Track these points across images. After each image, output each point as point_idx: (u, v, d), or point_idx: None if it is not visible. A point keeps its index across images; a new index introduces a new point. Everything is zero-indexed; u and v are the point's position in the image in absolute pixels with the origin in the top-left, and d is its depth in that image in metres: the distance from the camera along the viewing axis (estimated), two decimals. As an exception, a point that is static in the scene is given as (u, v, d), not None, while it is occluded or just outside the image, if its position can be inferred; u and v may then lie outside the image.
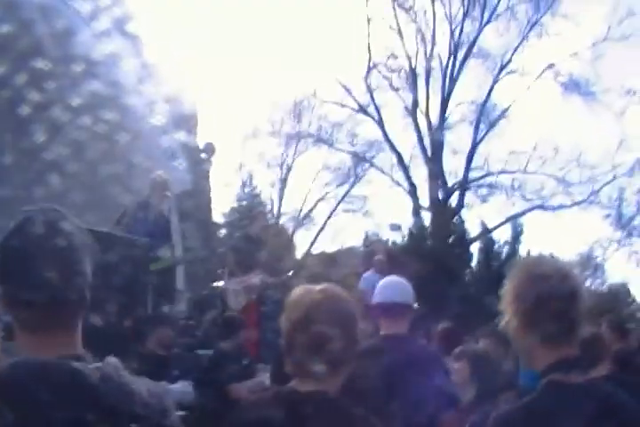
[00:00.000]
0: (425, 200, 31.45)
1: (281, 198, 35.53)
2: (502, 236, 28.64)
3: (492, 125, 32.04)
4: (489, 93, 31.93)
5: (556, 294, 2.96)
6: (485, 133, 32.03)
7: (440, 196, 31.08)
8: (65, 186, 12.80)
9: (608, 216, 30.15)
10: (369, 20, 32.14)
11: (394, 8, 32.19)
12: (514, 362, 6.34)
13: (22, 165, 13.19)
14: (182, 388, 8.74)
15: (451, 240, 26.74)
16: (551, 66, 31.40)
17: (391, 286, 5.61)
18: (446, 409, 5.02)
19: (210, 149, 18.30)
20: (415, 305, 5.63)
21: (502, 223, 30.24)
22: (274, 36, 40.99)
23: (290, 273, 13.74)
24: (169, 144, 17.27)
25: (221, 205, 31.37)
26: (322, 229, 35.09)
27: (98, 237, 9.71)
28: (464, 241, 27.11)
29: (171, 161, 16.98)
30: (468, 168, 31.67)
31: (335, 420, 2.99)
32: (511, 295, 3.06)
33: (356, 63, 32.90)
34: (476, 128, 31.95)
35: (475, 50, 32.07)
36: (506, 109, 32.06)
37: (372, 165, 34.04)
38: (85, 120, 13.30)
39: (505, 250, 27.08)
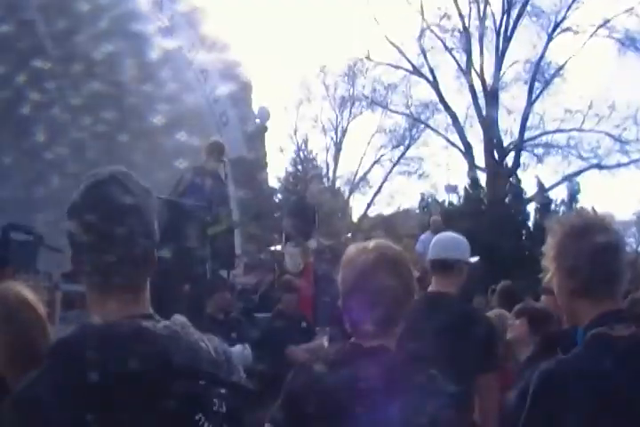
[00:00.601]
0: (481, 161, 31.35)
1: (336, 162, 35.57)
2: (559, 195, 28.46)
3: (546, 84, 31.80)
4: (543, 52, 31.69)
5: (596, 248, 2.96)
6: (540, 92, 31.80)
7: (496, 156, 30.94)
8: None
9: (666, 172, 29.85)
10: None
11: (446, -33, 31.94)
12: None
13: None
14: (240, 351, 8.84)
15: (507, 200, 26.61)
16: (606, 22, 31.00)
17: (440, 243, 5.58)
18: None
19: (264, 113, 18.39)
20: (471, 259, 5.61)
21: (559, 183, 30.09)
22: (326, -1, 40.74)
23: (346, 236, 13.77)
24: (223, 109, 17.34)
25: (277, 170, 31.62)
26: (378, 191, 35.09)
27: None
28: (521, 201, 26.96)
29: (225, 127, 17.07)
30: (523, 128, 31.48)
31: (399, 374, 3.02)
32: (552, 251, 3.06)
33: (409, 24, 32.64)
34: (531, 87, 31.71)
35: (528, 8, 31.76)
36: (560, 67, 31.78)
37: (427, 126, 33.96)
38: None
39: (562, 209, 26.87)
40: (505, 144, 31.45)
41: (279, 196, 25.01)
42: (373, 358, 3.03)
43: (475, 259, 5.71)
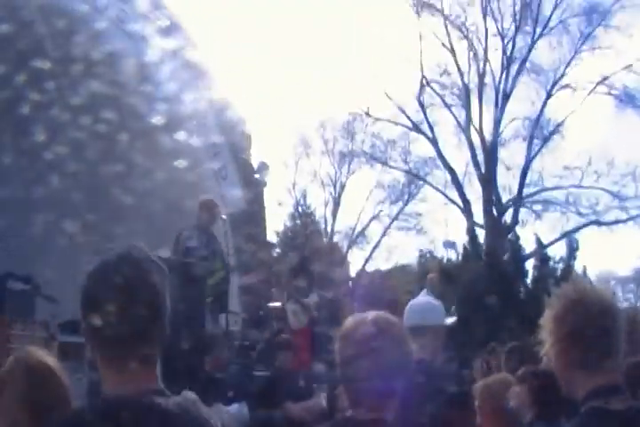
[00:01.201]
0: (479, 217, 31.43)
1: (334, 217, 35.65)
2: (557, 252, 28.49)
3: (545, 141, 31.95)
4: (542, 109, 31.89)
5: (593, 322, 3.01)
6: (539, 149, 31.92)
7: (494, 212, 31.00)
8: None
9: (664, 231, 29.88)
10: (421, 38, 32.28)
11: (445, 25, 32.32)
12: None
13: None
14: (238, 409, 8.81)
15: (505, 257, 26.63)
16: (604, 79, 31.26)
17: (414, 309, 5.59)
18: None
19: (263, 168, 18.49)
20: (448, 321, 5.65)
21: (557, 239, 30.10)
22: (326, 53, 41.12)
23: (344, 292, 13.78)
24: (222, 164, 17.41)
25: (275, 224, 31.66)
26: (376, 246, 35.16)
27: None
28: (519, 258, 26.97)
29: (224, 181, 17.12)
30: (521, 184, 31.58)
31: None
32: (550, 323, 3.11)
33: (409, 80, 32.89)
34: (530, 144, 31.89)
35: (527, 65, 32.05)
36: (559, 124, 31.97)
37: (425, 182, 34.07)
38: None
39: (560, 266, 26.89)
40: (504, 200, 31.56)
41: (277, 250, 25.06)
42: None
43: (451, 320, 5.75)
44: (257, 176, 18.71)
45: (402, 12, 32.24)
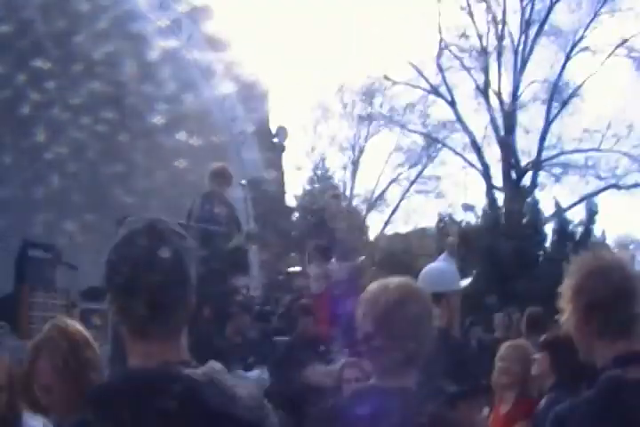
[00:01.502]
0: (498, 180, 31.38)
1: (353, 180, 35.60)
2: (576, 216, 28.43)
3: (564, 104, 31.77)
4: (561, 71, 31.75)
5: (613, 289, 3.02)
6: (558, 112, 31.77)
7: (513, 175, 30.94)
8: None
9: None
10: (439, 0, 32.06)
11: (464, -13, 32.03)
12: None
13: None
14: (259, 375, 8.89)
15: (524, 221, 26.58)
16: (624, 42, 31.03)
17: (426, 277, 5.59)
18: None
19: (282, 133, 18.46)
20: (462, 284, 5.65)
21: (576, 203, 30.06)
22: (344, 18, 40.86)
23: (362, 257, 13.78)
24: (240, 129, 17.40)
25: (294, 188, 31.67)
26: (395, 210, 35.10)
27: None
28: (538, 221, 26.91)
29: (242, 146, 17.12)
30: (540, 147, 31.53)
31: (416, 415, 3.01)
32: (569, 292, 3.12)
33: (428, 43, 32.73)
34: (549, 107, 31.72)
35: (546, 27, 31.80)
36: (578, 87, 31.82)
37: (444, 145, 33.95)
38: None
39: (579, 230, 26.84)
40: (523, 164, 31.48)
41: (296, 214, 25.06)
42: (392, 398, 3.03)
43: (466, 282, 5.76)
44: (275, 140, 18.68)
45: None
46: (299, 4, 51.14)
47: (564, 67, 31.61)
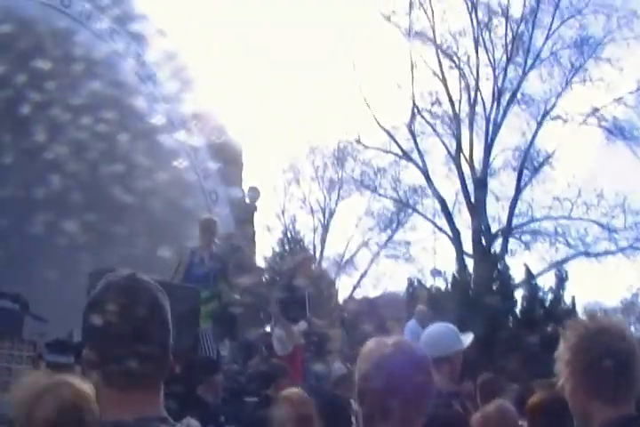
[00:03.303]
0: (468, 246, 31.42)
1: (323, 243, 35.61)
2: (546, 282, 28.48)
3: (535, 171, 31.99)
4: (532, 139, 32.00)
5: (611, 353, 2.99)
6: (529, 180, 31.99)
7: (483, 242, 31.01)
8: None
9: (653, 263, 29.92)
10: (412, 66, 32.37)
11: (437, 54, 32.45)
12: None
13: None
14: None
15: (494, 287, 26.57)
16: (595, 111, 31.41)
17: (429, 341, 5.46)
18: None
19: (254, 193, 18.40)
20: (465, 342, 5.54)
21: (546, 270, 30.04)
22: (318, 80, 41.19)
23: (332, 318, 13.70)
24: (213, 187, 17.36)
25: (264, 250, 31.56)
26: (364, 274, 35.07)
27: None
28: (508, 288, 26.92)
29: (214, 204, 17.08)
30: (511, 214, 31.64)
31: None
32: (566, 354, 3.10)
33: (400, 109, 32.93)
34: (520, 174, 31.89)
35: (518, 96, 32.15)
36: (549, 155, 32.04)
37: (415, 211, 34.04)
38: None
39: (549, 297, 26.85)
40: (493, 231, 31.58)
41: (266, 275, 24.93)
42: None
43: (469, 339, 5.65)
44: (247, 201, 18.63)
45: (394, 41, 32.26)
46: (276, 63, 51.51)
47: (535, 135, 31.94)
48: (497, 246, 31.18)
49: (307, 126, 43.07)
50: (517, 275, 28.34)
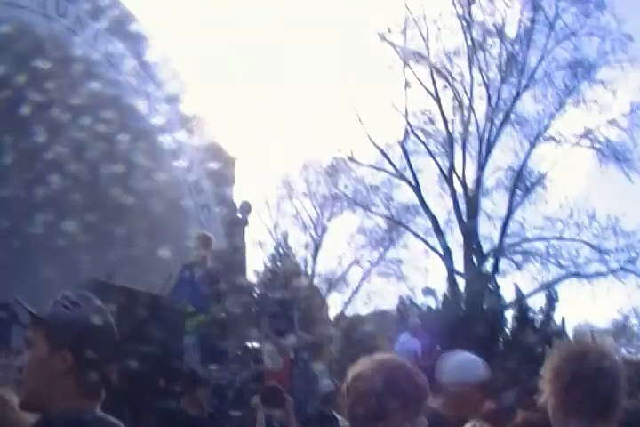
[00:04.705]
0: (460, 265, 31.40)
1: (315, 260, 35.56)
2: (537, 303, 28.47)
3: (527, 192, 32.00)
4: (525, 160, 31.97)
5: (593, 371, 3.06)
6: (521, 200, 32.00)
7: (475, 261, 31.00)
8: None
9: (644, 285, 29.91)
10: (406, 85, 32.42)
11: (431, 73, 32.51)
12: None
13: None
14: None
15: (485, 307, 26.56)
16: (588, 133, 31.52)
17: (447, 365, 5.34)
18: None
19: (246, 207, 18.36)
20: (480, 377, 5.40)
21: (537, 290, 30.02)
22: (312, 96, 41.27)
23: (323, 335, 13.67)
24: (205, 202, 17.35)
25: (255, 265, 31.50)
26: (355, 291, 34.99)
27: (137, 296, 9.80)
28: (498, 308, 26.92)
29: (206, 219, 17.06)
30: (503, 234, 31.58)
31: None
32: (549, 373, 3.17)
33: (393, 127, 32.97)
34: (512, 194, 31.89)
35: (512, 116, 32.19)
36: (542, 176, 32.10)
37: (407, 229, 33.97)
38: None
39: (539, 317, 26.87)
40: (484, 250, 31.56)
41: (257, 290, 24.88)
42: None
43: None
44: (239, 215, 18.60)
45: (388, 59, 32.30)
46: (270, 79, 51.51)
47: (528, 155, 31.94)
48: (488, 266, 31.19)
49: (301, 142, 43.16)
50: (508, 295, 28.38)
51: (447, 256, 31.68)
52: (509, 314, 27.54)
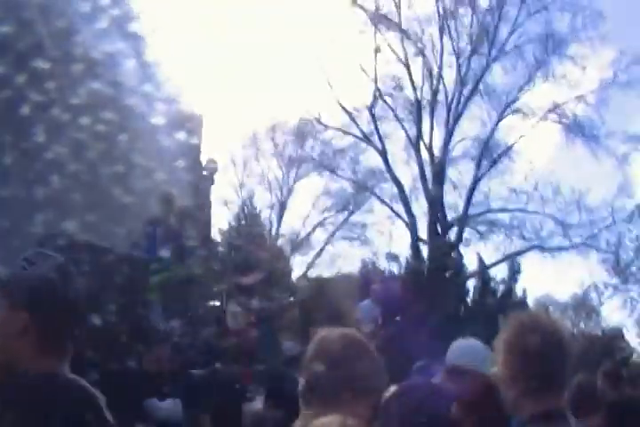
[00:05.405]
0: (424, 232, 31.50)
1: (279, 220, 35.58)
2: (499, 273, 28.61)
3: (494, 162, 32.04)
4: (492, 131, 32.08)
5: (543, 346, 3.16)
6: (487, 170, 32.06)
7: (439, 230, 31.09)
8: (65, 186, 12.77)
9: (605, 261, 30.19)
10: (377, 50, 32.31)
11: (402, 39, 32.44)
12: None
13: (22, 165, 13.18)
14: (171, 406, 8.68)
15: (447, 275, 26.64)
16: (556, 107, 31.67)
17: (452, 349, 5.08)
18: None
19: (212, 166, 18.27)
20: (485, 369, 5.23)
21: (500, 261, 30.31)
22: (282, 57, 40.94)
23: (286, 298, 13.69)
24: (173, 158, 17.27)
25: (220, 223, 31.38)
26: (319, 254, 35.09)
27: (97, 251, 9.74)
28: (460, 276, 27.02)
29: (172, 176, 16.97)
30: (467, 204, 31.69)
31: None
32: (501, 345, 3.29)
33: (363, 91, 32.84)
34: (478, 164, 31.95)
35: (481, 86, 32.22)
36: (509, 148, 32.19)
37: (372, 194, 34.03)
38: (85, 120, 13.30)
39: (501, 288, 27.02)
40: (449, 218, 31.67)
41: (221, 249, 24.82)
42: None
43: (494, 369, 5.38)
44: (205, 173, 18.50)
45: (360, 23, 32.10)
46: (241, 40, 51.08)
47: (495, 126, 32.07)
48: (452, 235, 31.32)
49: (269, 103, 42.94)
50: (471, 265, 28.50)
51: (411, 223, 31.76)
52: (471, 284, 27.68)
